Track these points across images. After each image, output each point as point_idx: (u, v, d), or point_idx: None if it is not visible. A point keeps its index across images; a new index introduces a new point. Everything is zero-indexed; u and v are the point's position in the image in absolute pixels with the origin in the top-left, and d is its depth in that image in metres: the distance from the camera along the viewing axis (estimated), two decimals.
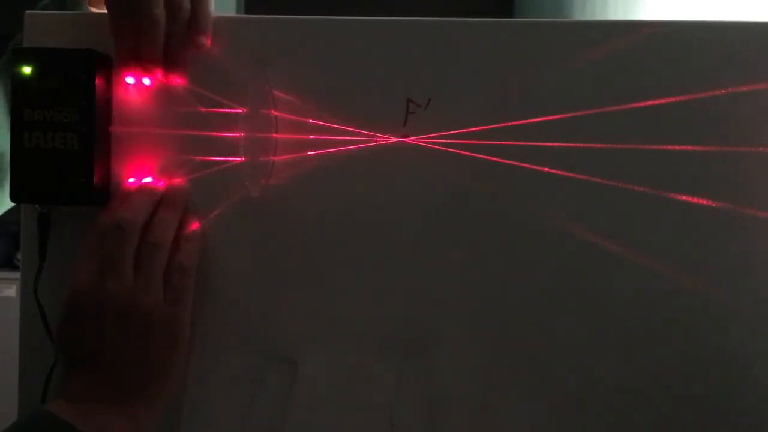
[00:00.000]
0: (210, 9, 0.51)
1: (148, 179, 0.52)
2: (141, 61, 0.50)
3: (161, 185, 0.51)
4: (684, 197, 0.52)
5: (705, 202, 0.52)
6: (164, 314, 0.48)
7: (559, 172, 0.52)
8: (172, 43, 0.50)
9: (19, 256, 2.34)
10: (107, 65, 0.51)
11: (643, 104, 0.52)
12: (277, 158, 0.52)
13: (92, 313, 0.47)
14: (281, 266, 0.53)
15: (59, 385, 0.48)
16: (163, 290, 0.49)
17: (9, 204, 0.60)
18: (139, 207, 0.49)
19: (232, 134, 0.52)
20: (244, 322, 0.53)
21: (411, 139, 0.52)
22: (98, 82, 0.50)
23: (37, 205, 0.51)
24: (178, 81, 0.52)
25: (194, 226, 0.52)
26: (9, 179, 0.50)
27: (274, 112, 0.52)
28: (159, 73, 0.51)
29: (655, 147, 0.52)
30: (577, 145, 0.52)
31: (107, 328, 0.47)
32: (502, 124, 0.52)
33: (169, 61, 0.51)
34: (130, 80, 0.52)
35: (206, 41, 0.51)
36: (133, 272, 0.48)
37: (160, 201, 0.51)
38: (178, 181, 0.52)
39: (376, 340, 0.53)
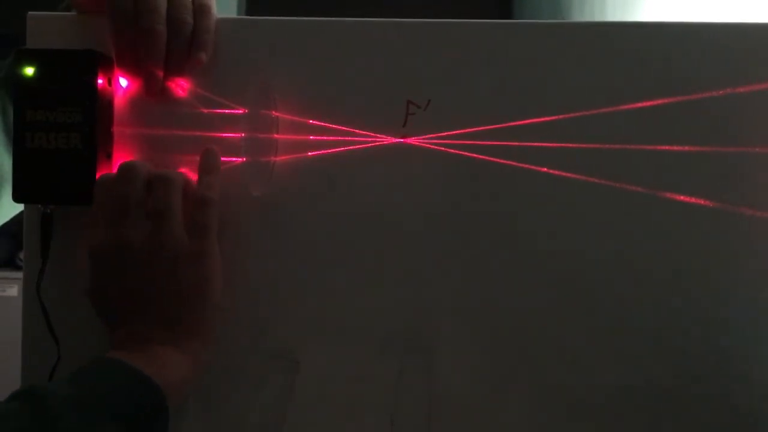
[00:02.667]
0: (212, 25, 0.51)
1: None
2: (141, 70, 0.50)
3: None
4: (684, 197, 0.52)
5: (705, 202, 0.52)
6: (190, 249, 0.48)
7: (559, 172, 0.52)
8: (172, 56, 0.50)
9: (21, 255, 2.34)
10: (109, 66, 0.51)
11: (642, 104, 0.52)
12: (277, 158, 0.53)
13: (117, 264, 0.47)
14: (282, 266, 0.53)
15: (110, 343, 0.48)
16: (187, 224, 0.48)
17: (9, 214, 0.60)
18: (141, 161, 0.50)
19: (233, 135, 0.53)
20: (244, 321, 0.53)
21: (411, 140, 0.53)
22: (100, 82, 0.50)
23: (39, 205, 0.51)
24: (178, 87, 0.52)
25: (211, 155, 0.51)
26: (10, 186, 0.50)
27: (275, 113, 0.53)
28: (159, 80, 0.51)
29: (655, 147, 0.52)
30: (577, 145, 0.52)
31: (136, 274, 0.47)
32: (502, 125, 0.52)
33: (170, 71, 0.51)
34: (123, 82, 0.52)
35: (206, 57, 0.51)
36: (148, 213, 0.47)
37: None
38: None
39: (376, 340, 0.53)
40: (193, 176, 0.52)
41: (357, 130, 0.52)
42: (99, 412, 0.41)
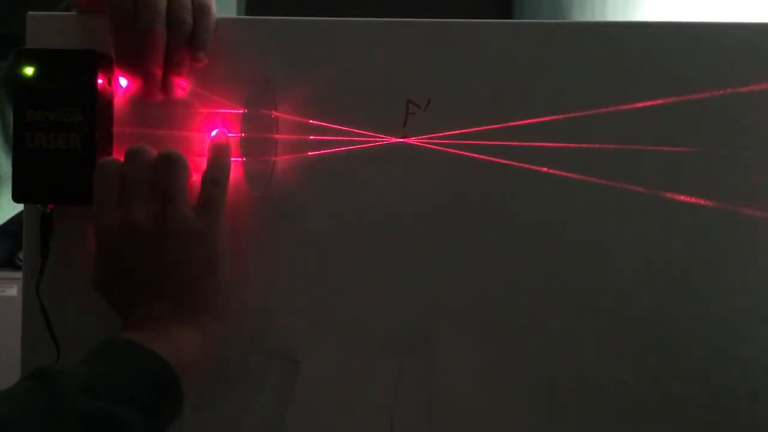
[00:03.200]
0: (212, 24, 0.51)
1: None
2: (141, 69, 0.50)
3: None
4: (684, 197, 0.52)
5: (705, 202, 0.52)
6: (196, 225, 0.48)
7: (559, 172, 0.52)
8: (172, 55, 0.50)
9: (20, 255, 2.34)
10: (109, 66, 0.51)
11: (642, 104, 0.52)
12: (277, 158, 0.53)
13: (126, 245, 0.47)
14: (282, 266, 0.53)
15: (123, 324, 0.48)
16: (195, 204, 0.49)
17: (9, 214, 0.60)
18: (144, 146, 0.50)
19: (233, 135, 0.53)
20: (244, 321, 0.53)
21: (411, 140, 0.53)
22: (100, 82, 0.50)
23: (39, 205, 0.51)
24: (178, 86, 0.52)
25: (220, 139, 0.51)
26: (9, 186, 0.50)
27: (275, 113, 0.53)
28: (158, 80, 0.51)
29: (655, 147, 0.52)
30: (577, 145, 0.52)
31: (145, 255, 0.47)
32: (502, 125, 0.52)
33: (169, 71, 0.51)
34: (123, 82, 0.52)
35: (205, 57, 0.51)
36: (154, 194, 0.48)
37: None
38: None
39: (376, 340, 0.53)
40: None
41: (357, 130, 0.52)
42: (112, 395, 0.41)
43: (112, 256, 0.48)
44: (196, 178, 0.51)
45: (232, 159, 0.51)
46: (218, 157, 0.51)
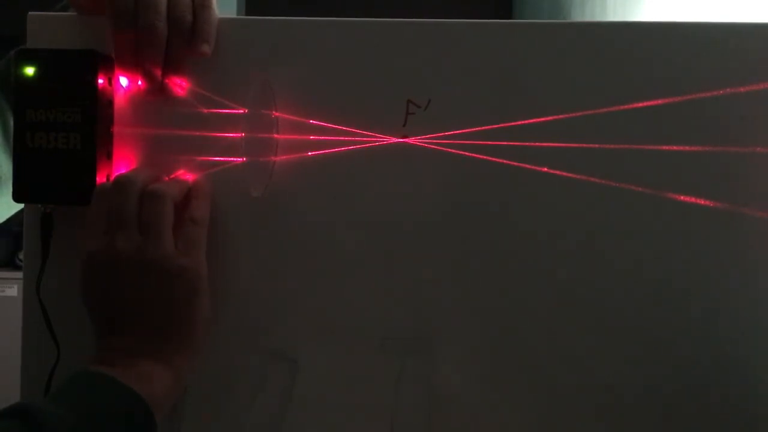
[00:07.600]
0: (214, 18, 0.51)
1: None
2: (141, 68, 0.50)
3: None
4: (684, 197, 0.52)
5: (705, 202, 0.52)
6: (177, 264, 0.48)
7: (559, 172, 0.52)
8: (173, 51, 0.50)
9: (20, 255, 2.34)
10: (110, 66, 0.51)
11: (642, 104, 0.52)
12: (278, 159, 0.53)
13: (106, 274, 0.48)
14: (282, 266, 0.53)
15: (94, 351, 0.48)
16: (176, 242, 0.49)
17: (5, 215, 0.60)
18: (139, 171, 0.50)
19: (233, 135, 0.53)
20: (244, 321, 0.53)
21: (411, 140, 0.53)
22: (101, 82, 0.50)
23: (39, 205, 0.51)
24: (178, 86, 0.52)
25: (200, 182, 0.52)
26: (9, 187, 0.50)
27: (275, 113, 0.53)
28: (159, 79, 0.51)
29: (655, 147, 0.52)
30: (577, 145, 0.52)
31: (124, 285, 0.47)
32: (502, 124, 0.52)
33: (170, 69, 0.51)
34: (123, 81, 0.52)
35: (209, 49, 0.51)
36: (140, 227, 0.48)
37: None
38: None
39: (376, 340, 0.53)
40: (191, 176, 0.52)
41: (357, 130, 0.52)
42: None
43: (93, 282, 0.48)
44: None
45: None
46: (199, 198, 0.51)
